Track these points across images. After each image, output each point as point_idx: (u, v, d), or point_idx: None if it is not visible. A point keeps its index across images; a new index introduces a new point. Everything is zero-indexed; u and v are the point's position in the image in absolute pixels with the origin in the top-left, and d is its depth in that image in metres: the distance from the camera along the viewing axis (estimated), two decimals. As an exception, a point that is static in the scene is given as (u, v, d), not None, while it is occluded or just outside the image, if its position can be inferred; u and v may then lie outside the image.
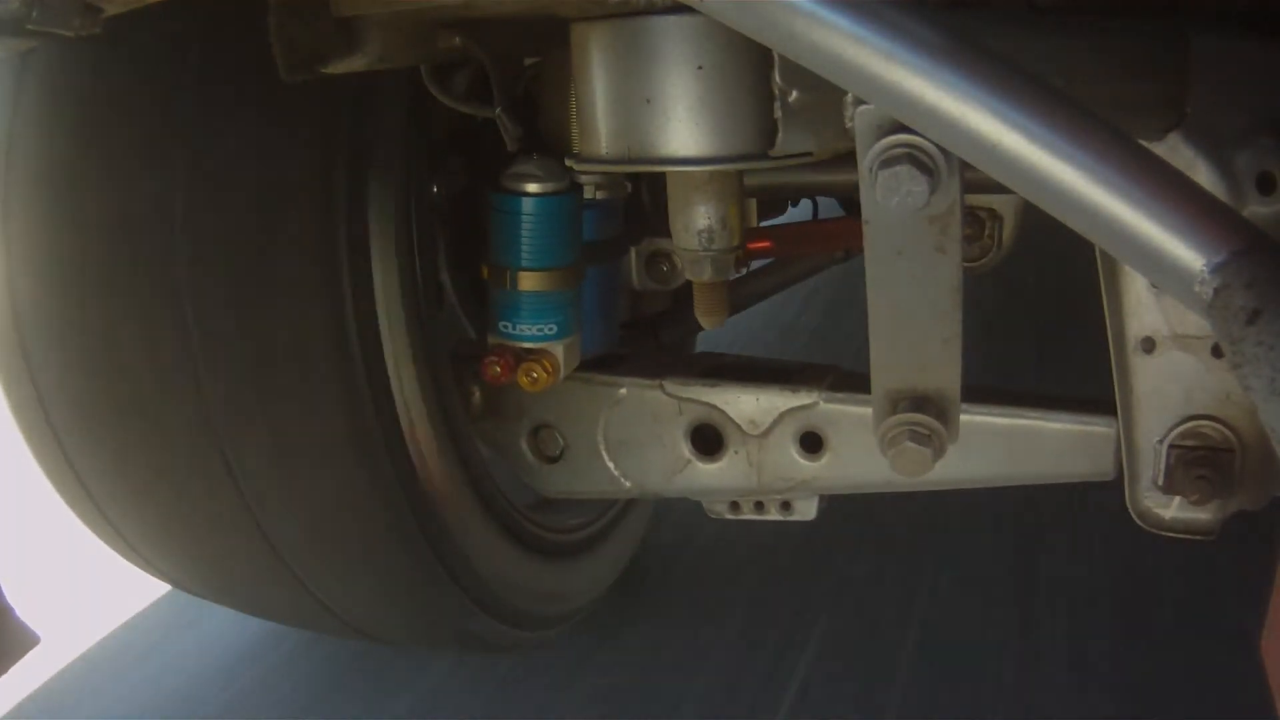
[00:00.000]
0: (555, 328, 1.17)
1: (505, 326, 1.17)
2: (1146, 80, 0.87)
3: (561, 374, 1.20)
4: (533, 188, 1.12)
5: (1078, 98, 0.62)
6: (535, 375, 1.17)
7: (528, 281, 1.15)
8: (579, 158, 1.00)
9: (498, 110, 1.05)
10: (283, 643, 1.59)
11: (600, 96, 0.93)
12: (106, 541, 1.29)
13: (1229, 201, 0.88)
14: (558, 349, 1.18)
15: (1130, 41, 0.86)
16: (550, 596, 1.45)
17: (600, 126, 0.94)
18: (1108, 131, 0.60)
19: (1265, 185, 0.87)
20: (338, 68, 0.91)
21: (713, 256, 1.02)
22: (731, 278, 1.07)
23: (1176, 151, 0.88)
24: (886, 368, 0.97)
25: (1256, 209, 0.88)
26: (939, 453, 1.01)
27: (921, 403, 0.99)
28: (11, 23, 0.68)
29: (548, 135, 1.15)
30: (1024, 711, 1.35)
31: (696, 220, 1.00)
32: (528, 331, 1.17)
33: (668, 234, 1.05)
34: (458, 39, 0.97)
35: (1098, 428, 1.12)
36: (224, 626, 1.63)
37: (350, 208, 1.05)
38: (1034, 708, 1.36)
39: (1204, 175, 0.88)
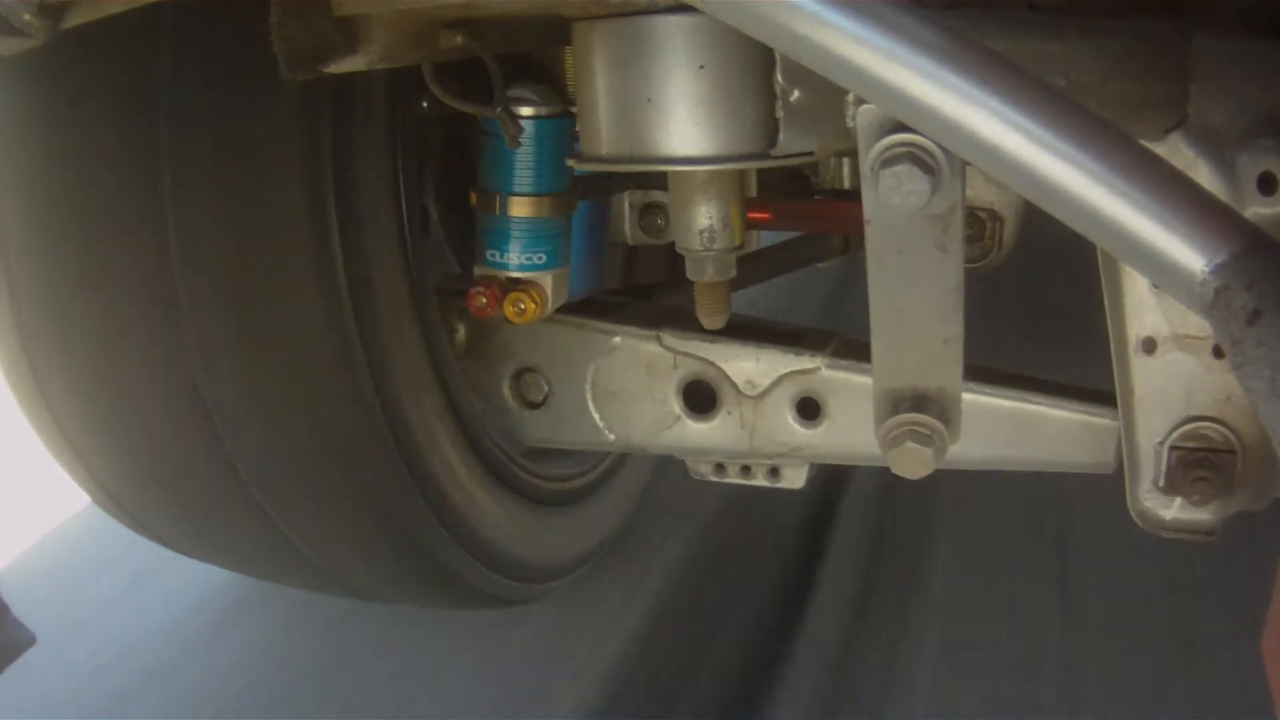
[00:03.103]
0: (544, 257, 1.15)
1: (493, 255, 1.15)
2: (1147, 80, 0.87)
3: (549, 306, 1.17)
4: (526, 111, 1.10)
5: (1078, 98, 0.62)
6: (523, 306, 1.15)
7: (518, 207, 1.13)
8: (580, 157, 1.00)
9: (498, 110, 1.05)
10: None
11: (602, 96, 0.93)
12: (86, 489, 1.28)
13: (1230, 202, 0.88)
14: (546, 280, 1.16)
15: (1131, 42, 0.86)
16: (546, 546, 1.43)
17: (601, 125, 0.94)
18: (1109, 132, 0.60)
19: (1266, 186, 0.87)
20: (339, 67, 0.90)
21: (714, 256, 1.02)
22: (732, 276, 1.07)
23: (1177, 152, 0.88)
24: (888, 367, 0.97)
25: (1258, 210, 0.87)
26: (940, 453, 1.01)
27: (923, 402, 0.99)
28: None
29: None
30: (1022, 712, 1.35)
31: (698, 220, 1.00)
32: (516, 260, 1.14)
33: (661, 186, 1.04)
34: (459, 38, 0.97)
35: (1101, 419, 1.11)
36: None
37: (334, 128, 1.03)
38: (1032, 707, 1.36)
39: (1205, 176, 0.88)
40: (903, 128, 0.74)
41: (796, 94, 0.90)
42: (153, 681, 1.51)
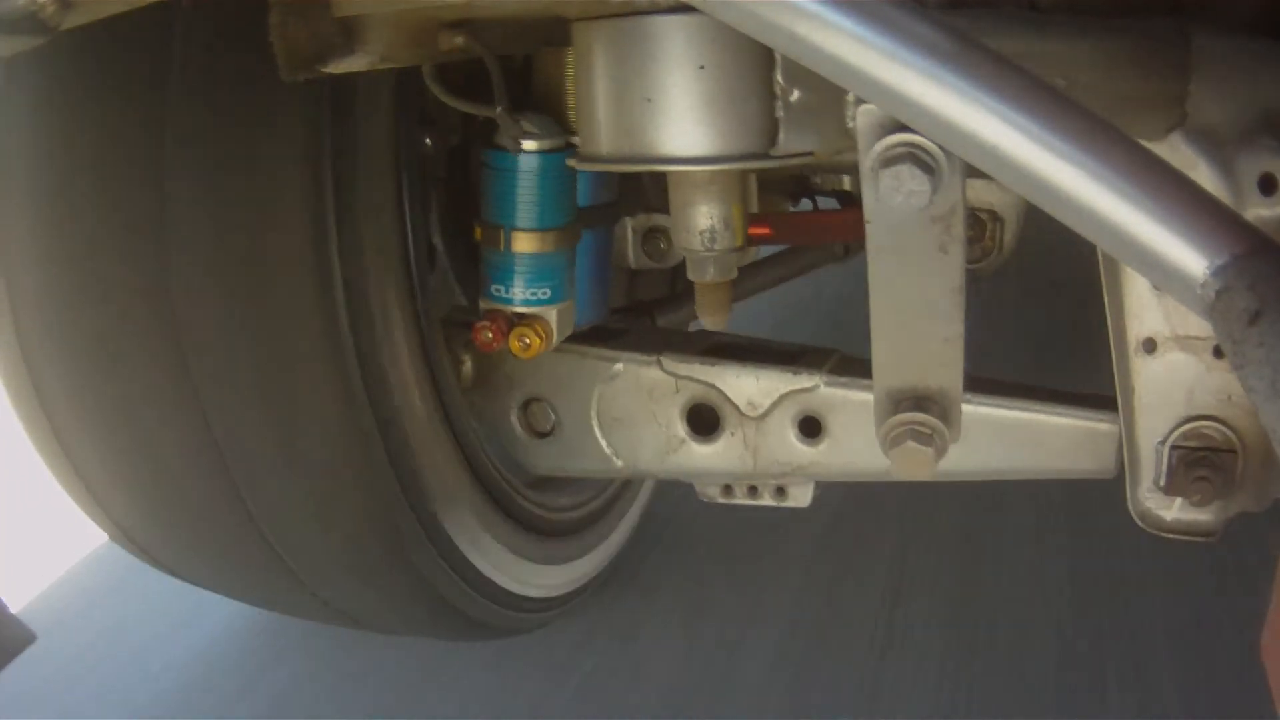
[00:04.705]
0: (549, 291, 1.15)
1: (498, 290, 1.15)
2: (1147, 80, 0.87)
3: (555, 340, 1.17)
4: (531, 145, 1.09)
5: (1078, 98, 0.62)
6: (528, 341, 1.14)
7: (522, 242, 1.12)
8: (580, 157, 1.00)
9: (499, 110, 1.05)
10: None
11: (601, 96, 0.93)
12: (97, 521, 1.28)
13: (1230, 203, 0.87)
14: (551, 314, 1.16)
15: (1130, 41, 0.86)
16: (545, 577, 1.43)
17: (601, 126, 0.94)
18: (1109, 132, 0.60)
19: (1267, 186, 0.87)
20: (338, 67, 0.91)
21: (715, 257, 1.02)
22: (733, 277, 1.07)
23: (1177, 152, 0.88)
24: (888, 367, 0.97)
25: (1258, 211, 0.87)
26: (941, 453, 1.01)
27: (923, 402, 0.99)
28: (10, 21, 0.68)
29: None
30: (1021, 710, 1.35)
31: (699, 220, 1.00)
32: (520, 295, 1.14)
33: (664, 210, 1.04)
34: (459, 38, 0.97)
35: (1101, 424, 1.11)
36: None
37: (336, 161, 1.03)
38: (1032, 707, 1.36)
39: (1205, 176, 0.88)
40: (903, 128, 0.74)
41: (796, 94, 0.90)
42: (144, 676, 1.51)
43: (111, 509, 1.23)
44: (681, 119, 0.91)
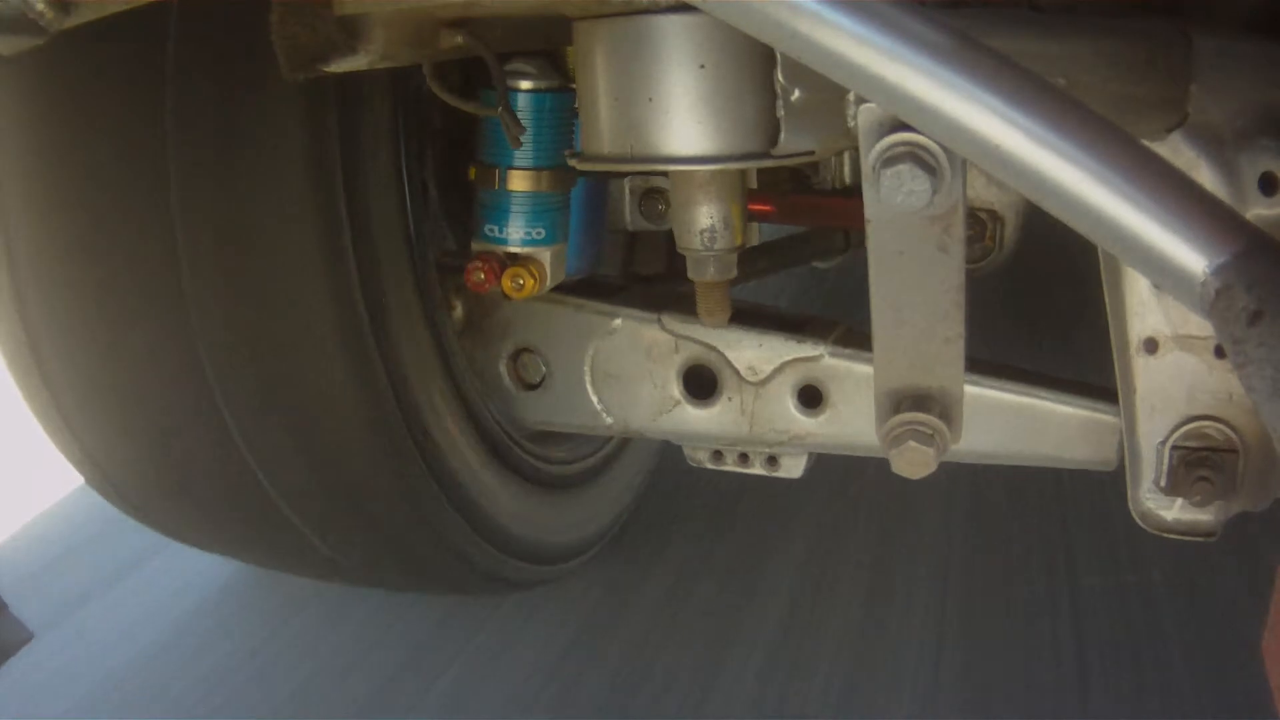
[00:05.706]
0: (543, 232, 1.14)
1: (491, 230, 1.14)
2: (1148, 80, 0.87)
3: (548, 282, 1.17)
4: (526, 84, 1.10)
5: (1079, 98, 0.62)
6: (521, 281, 1.14)
7: (518, 181, 1.12)
8: (581, 156, 1.00)
9: (500, 109, 1.05)
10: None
11: (603, 95, 0.93)
12: (85, 474, 1.28)
13: (1231, 203, 0.88)
14: (545, 255, 1.15)
15: (1131, 41, 0.86)
16: (552, 528, 1.42)
17: (602, 125, 0.94)
18: (1110, 132, 0.60)
19: (1268, 186, 0.87)
20: (340, 66, 0.90)
21: (715, 256, 1.02)
22: (732, 276, 1.07)
23: (1178, 152, 0.88)
24: (889, 366, 0.97)
25: (1259, 211, 0.88)
26: (942, 452, 1.01)
27: (924, 401, 0.99)
28: (9, 22, 0.68)
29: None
30: (1023, 711, 1.35)
31: (699, 220, 1.00)
32: (515, 235, 1.14)
33: (662, 171, 1.03)
34: (460, 37, 0.97)
35: (1104, 416, 1.11)
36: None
37: (341, 107, 1.03)
38: (1031, 707, 1.36)
39: (1206, 176, 0.88)
40: (904, 127, 0.74)
41: (797, 93, 0.90)
42: (141, 674, 1.51)
43: (102, 463, 1.22)
44: (683, 118, 0.91)
